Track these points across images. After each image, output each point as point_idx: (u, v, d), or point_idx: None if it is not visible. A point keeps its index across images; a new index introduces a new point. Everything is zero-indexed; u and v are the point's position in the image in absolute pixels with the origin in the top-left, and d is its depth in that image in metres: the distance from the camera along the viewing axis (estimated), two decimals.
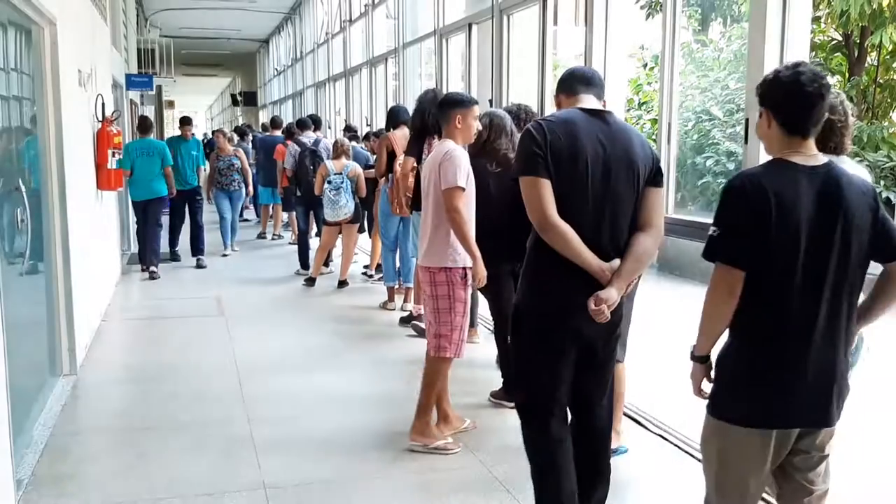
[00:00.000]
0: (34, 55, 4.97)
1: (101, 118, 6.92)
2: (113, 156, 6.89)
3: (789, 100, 2.29)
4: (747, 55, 3.72)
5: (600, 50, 4.90)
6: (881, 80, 12.50)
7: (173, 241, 10.13)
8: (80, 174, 5.99)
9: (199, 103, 47.93)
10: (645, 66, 13.72)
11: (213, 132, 12.14)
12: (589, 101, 2.91)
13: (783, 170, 2.29)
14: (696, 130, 11.66)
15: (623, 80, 5.21)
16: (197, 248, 9.84)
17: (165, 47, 14.70)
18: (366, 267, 9.32)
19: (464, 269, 4.09)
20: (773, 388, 2.31)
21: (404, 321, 6.82)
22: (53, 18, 5.04)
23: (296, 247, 9.94)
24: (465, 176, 4.01)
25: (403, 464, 4.04)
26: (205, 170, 9.92)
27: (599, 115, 2.87)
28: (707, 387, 2.47)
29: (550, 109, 6.04)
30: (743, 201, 2.28)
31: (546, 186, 2.76)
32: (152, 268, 9.02)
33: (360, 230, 8.82)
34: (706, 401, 2.47)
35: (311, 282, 8.71)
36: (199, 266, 9.66)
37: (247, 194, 10.93)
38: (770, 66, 3.44)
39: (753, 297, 2.30)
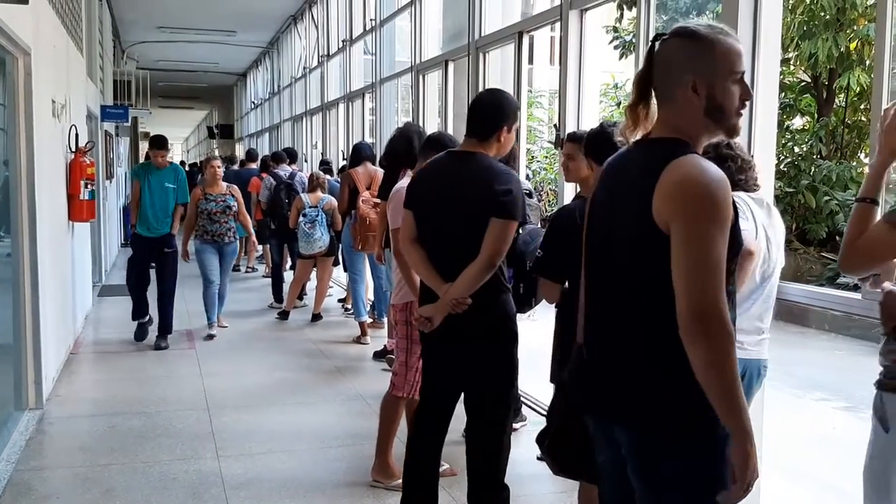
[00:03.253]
0: (7, 85, 4.95)
1: (74, 149, 6.86)
2: (86, 187, 6.81)
3: (594, 144, 3.11)
4: None
5: (574, 88, 4.97)
6: (849, 121, 12.77)
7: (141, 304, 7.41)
8: (52, 205, 5.93)
9: (176, 135, 47.81)
10: (619, 104, 13.91)
11: (204, 161, 9.47)
12: (466, 143, 3.24)
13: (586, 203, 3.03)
14: None
15: (596, 117, 5.27)
16: (163, 322, 7.20)
17: (142, 79, 14.68)
18: (340, 301, 9.29)
19: None
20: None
21: (378, 355, 6.78)
22: (28, 48, 5.03)
23: (269, 280, 9.89)
24: None
25: (376, 501, 3.99)
26: (183, 209, 7.34)
27: (460, 156, 3.21)
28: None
29: (524, 145, 6.11)
30: (557, 229, 3.04)
31: (408, 215, 3.28)
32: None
33: (335, 263, 8.80)
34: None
35: (284, 315, 8.66)
36: (158, 347, 7.09)
37: (248, 250, 9.39)
38: None
39: (570, 300, 2.84)
